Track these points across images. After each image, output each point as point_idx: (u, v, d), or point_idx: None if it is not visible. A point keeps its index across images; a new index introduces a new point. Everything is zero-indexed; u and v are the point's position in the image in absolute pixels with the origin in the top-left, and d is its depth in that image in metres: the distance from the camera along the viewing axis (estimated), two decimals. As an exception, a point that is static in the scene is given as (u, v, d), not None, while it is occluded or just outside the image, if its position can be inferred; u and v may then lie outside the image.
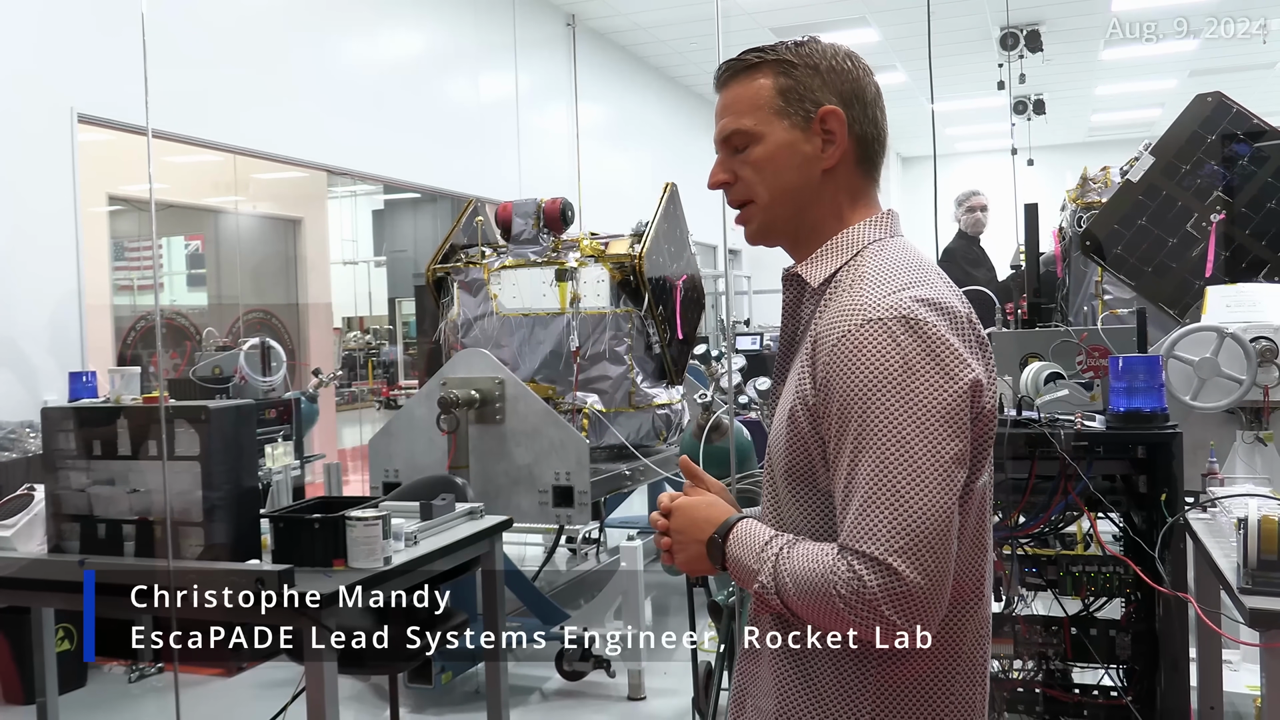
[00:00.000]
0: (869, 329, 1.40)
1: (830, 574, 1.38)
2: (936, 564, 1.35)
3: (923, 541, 1.34)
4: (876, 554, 1.34)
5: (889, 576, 1.34)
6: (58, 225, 5.68)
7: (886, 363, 1.38)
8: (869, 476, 1.37)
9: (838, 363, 1.41)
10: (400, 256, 12.02)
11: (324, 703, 2.90)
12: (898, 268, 1.49)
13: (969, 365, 1.41)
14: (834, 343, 1.42)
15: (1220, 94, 4.60)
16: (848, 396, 1.40)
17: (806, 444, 1.48)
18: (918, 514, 1.35)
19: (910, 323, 1.40)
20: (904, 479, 1.36)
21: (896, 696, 1.46)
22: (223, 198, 8.88)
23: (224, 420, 3.08)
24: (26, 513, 3.31)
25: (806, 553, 1.43)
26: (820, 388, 1.44)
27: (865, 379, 1.38)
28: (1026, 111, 12.83)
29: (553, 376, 5.33)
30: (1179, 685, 3.16)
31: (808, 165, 1.55)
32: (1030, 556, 3.36)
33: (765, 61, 1.57)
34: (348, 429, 11.02)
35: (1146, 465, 3.27)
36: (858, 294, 1.45)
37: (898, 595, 1.34)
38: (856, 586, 1.35)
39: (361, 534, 3.06)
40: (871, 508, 1.36)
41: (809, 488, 1.50)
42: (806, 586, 1.40)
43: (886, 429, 1.37)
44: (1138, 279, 4.61)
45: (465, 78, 9.46)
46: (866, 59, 1.62)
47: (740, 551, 1.51)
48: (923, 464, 1.36)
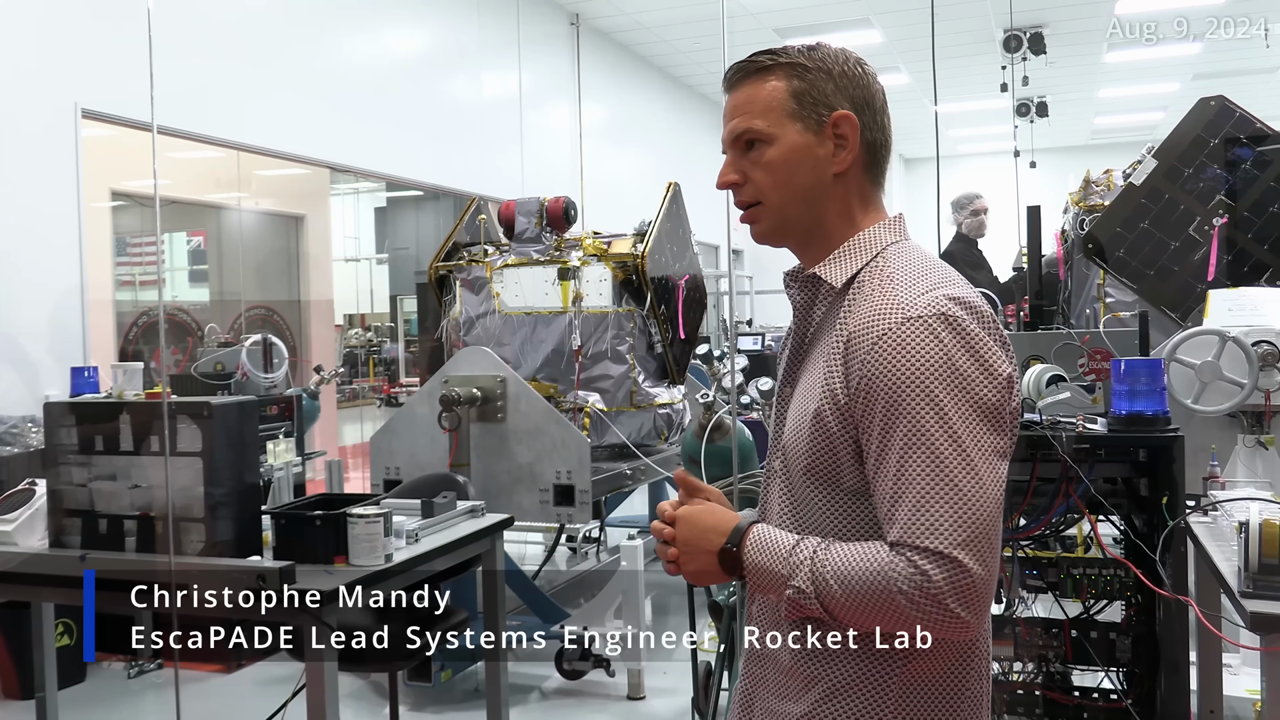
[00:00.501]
0: (910, 327, 1.41)
1: (889, 571, 1.38)
2: (993, 555, 1.38)
3: (981, 534, 1.37)
4: (941, 548, 1.35)
5: (955, 570, 1.35)
6: (60, 220, 5.68)
7: (932, 360, 1.39)
8: (923, 472, 1.38)
9: (880, 361, 1.41)
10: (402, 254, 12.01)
11: (324, 700, 2.90)
12: (925, 268, 1.50)
13: (1005, 361, 1.44)
14: (874, 341, 1.42)
15: (1223, 98, 4.60)
16: (894, 394, 1.40)
17: (833, 444, 1.48)
18: (975, 507, 1.37)
19: (949, 320, 1.41)
20: (960, 473, 1.37)
21: (919, 691, 1.48)
22: (225, 194, 8.88)
23: (227, 416, 3.08)
24: (28, 507, 3.31)
25: (850, 553, 1.43)
26: (857, 387, 1.44)
27: (912, 376, 1.39)
28: (1029, 114, 12.83)
29: (554, 375, 5.33)
30: (1179, 688, 3.16)
31: (819, 168, 1.56)
32: (1031, 559, 3.36)
33: (778, 64, 1.57)
34: (348, 426, 11.02)
35: (1148, 468, 3.27)
36: (891, 293, 1.46)
37: (963, 588, 1.35)
38: (920, 582, 1.35)
39: (363, 531, 3.06)
40: (930, 503, 1.37)
41: (832, 489, 1.50)
42: (858, 586, 1.40)
43: (938, 425, 1.38)
44: (1140, 282, 4.61)
45: (468, 75, 9.46)
46: (870, 60, 1.63)
47: (763, 557, 1.49)
48: (975, 458, 1.38)
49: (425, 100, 8.86)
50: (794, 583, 1.45)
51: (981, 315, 1.44)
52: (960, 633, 1.38)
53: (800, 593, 1.44)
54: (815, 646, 1.51)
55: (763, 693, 1.60)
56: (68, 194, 5.71)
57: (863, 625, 1.44)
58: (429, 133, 8.82)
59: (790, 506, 1.57)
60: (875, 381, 1.42)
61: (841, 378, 1.46)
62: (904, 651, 1.46)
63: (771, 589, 1.49)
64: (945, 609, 1.35)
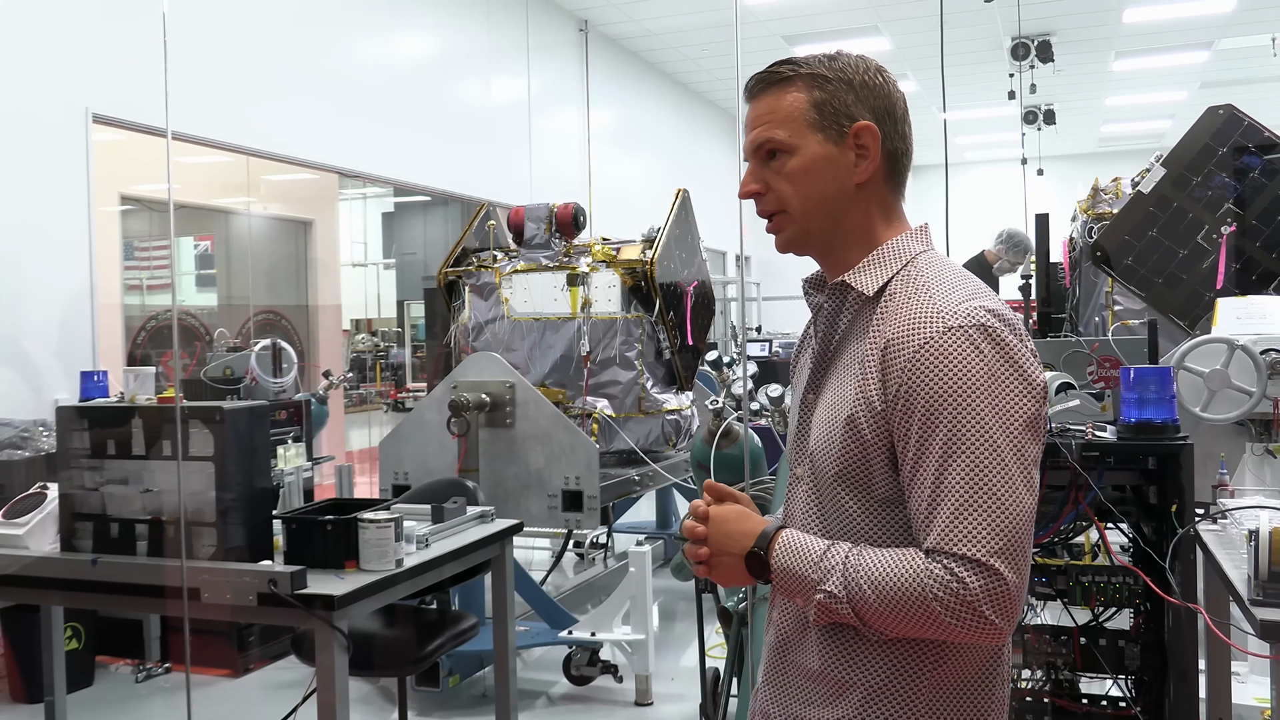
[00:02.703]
0: (952, 337, 1.43)
1: (925, 577, 1.39)
2: (1026, 563, 1.40)
3: (1016, 542, 1.39)
4: (979, 556, 1.37)
5: (991, 578, 1.37)
6: (71, 224, 5.70)
7: (973, 370, 1.41)
8: (963, 481, 1.39)
9: (920, 369, 1.43)
10: (410, 259, 12.02)
11: (335, 704, 2.90)
12: (957, 278, 1.52)
13: (1039, 371, 1.46)
14: (915, 350, 1.44)
15: (1232, 106, 4.60)
16: (934, 402, 1.42)
17: (866, 451, 1.49)
18: (1012, 516, 1.39)
19: (988, 331, 1.43)
20: (998, 482, 1.39)
21: (950, 694, 1.50)
22: (234, 198, 8.89)
23: (238, 421, 3.09)
24: (39, 511, 3.33)
25: (883, 559, 1.44)
26: (895, 394, 1.45)
27: (954, 386, 1.41)
28: (1037, 121, 12.85)
29: (563, 381, 5.34)
30: (1188, 696, 3.16)
31: (841, 178, 1.57)
32: (1040, 566, 3.36)
33: (799, 75, 1.58)
34: (355, 431, 11.03)
35: (1157, 476, 3.27)
36: (929, 302, 1.47)
37: (998, 595, 1.37)
38: (957, 589, 1.37)
39: (374, 536, 3.07)
40: (969, 511, 1.39)
41: (863, 496, 1.51)
42: (893, 592, 1.41)
43: (978, 434, 1.40)
44: (1148, 290, 4.62)
45: (477, 81, 9.48)
46: None
47: (792, 562, 1.51)
48: (1012, 467, 1.40)
49: (434, 105, 8.89)
50: (826, 586, 1.46)
51: (1015, 327, 1.47)
52: (993, 639, 1.41)
53: (832, 597, 1.45)
54: (846, 651, 1.52)
55: (787, 701, 1.60)
56: (78, 198, 5.73)
57: (896, 630, 1.45)
58: (438, 138, 8.85)
59: (818, 513, 1.57)
60: (915, 390, 1.43)
61: (879, 385, 1.47)
62: (935, 655, 1.48)
63: (800, 593, 1.50)
64: (980, 616, 1.37)
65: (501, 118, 9.69)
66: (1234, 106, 4.60)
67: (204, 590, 2.96)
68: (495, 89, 9.68)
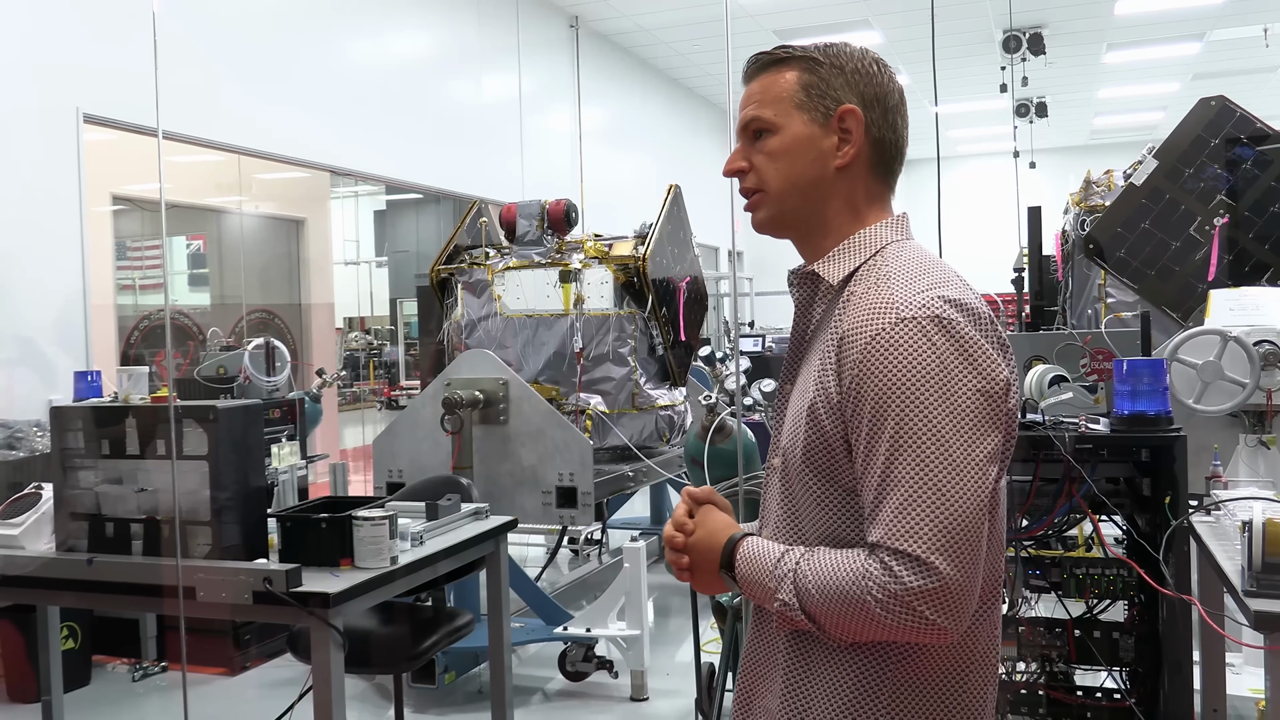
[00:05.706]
0: (903, 328, 1.40)
1: (863, 576, 1.37)
2: (973, 561, 1.36)
3: (961, 539, 1.34)
4: (918, 552, 1.34)
5: (928, 574, 1.33)
6: (63, 225, 5.69)
7: (923, 362, 1.38)
8: (908, 475, 1.36)
9: (871, 361, 1.40)
10: (402, 257, 12.01)
11: (330, 702, 2.90)
12: (922, 268, 1.49)
13: (999, 364, 1.42)
14: (866, 342, 1.41)
15: (1224, 98, 4.61)
16: (883, 395, 1.39)
17: (828, 442, 1.47)
18: (957, 512, 1.35)
19: (943, 322, 1.39)
20: (944, 478, 1.35)
21: (912, 694, 1.46)
22: (226, 198, 8.88)
23: (232, 420, 3.09)
24: (34, 511, 3.32)
25: (829, 560, 1.42)
26: (849, 386, 1.43)
27: (902, 378, 1.38)
28: (1029, 114, 12.86)
29: (556, 378, 5.34)
30: (1182, 688, 3.17)
31: (821, 161, 1.56)
32: (1034, 559, 3.37)
33: (793, 57, 1.58)
34: (349, 429, 11.03)
35: (1150, 468, 3.28)
36: (885, 293, 1.45)
37: (935, 592, 1.33)
38: (893, 587, 1.34)
39: (368, 534, 3.07)
40: (911, 506, 1.35)
41: (829, 484, 1.49)
42: (834, 593, 1.39)
43: (925, 428, 1.36)
44: (1141, 282, 4.62)
45: (468, 79, 9.47)
46: None
47: (751, 571, 1.51)
48: (961, 462, 1.36)
49: (425, 103, 8.87)
50: (780, 595, 1.45)
51: (977, 317, 1.43)
52: (937, 638, 1.37)
53: (786, 605, 1.45)
54: (807, 650, 1.51)
55: (761, 692, 1.61)
56: (69, 199, 5.72)
57: (845, 632, 1.42)
58: (429, 136, 8.83)
59: (787, 504, 1.56)
60: (865, 382, 1.41)
61: (835, 376, 1.45)
62: (892, 656, 1.45)
63: (763, 601, 1.50)
64: (916, 614, 1.34)
65: (493, 115, 9.68)
66: (1226, 98, 4.61)
67: (199, 589, 2.95)
68: (486, 86, 9.67)
